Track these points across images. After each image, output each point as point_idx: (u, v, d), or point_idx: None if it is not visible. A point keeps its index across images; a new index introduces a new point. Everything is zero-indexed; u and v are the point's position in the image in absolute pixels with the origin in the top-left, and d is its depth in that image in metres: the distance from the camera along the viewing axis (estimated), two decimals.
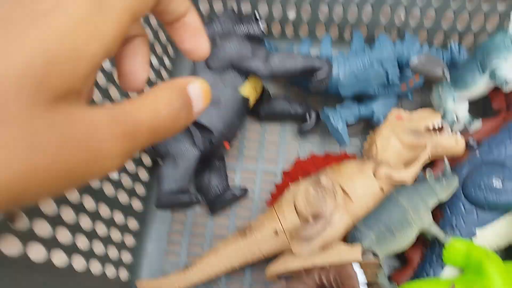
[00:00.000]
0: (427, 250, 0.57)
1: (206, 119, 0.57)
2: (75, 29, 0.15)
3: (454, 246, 0.52)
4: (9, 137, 0.13)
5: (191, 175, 0.57)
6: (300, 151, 0.69)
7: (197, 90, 0.21)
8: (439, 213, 0.57)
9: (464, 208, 0.55)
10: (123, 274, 0.58)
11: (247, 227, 0.58)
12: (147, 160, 0.65)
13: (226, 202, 0.62)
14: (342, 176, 0.56)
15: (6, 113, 0.13)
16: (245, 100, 0.60)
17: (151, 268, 0.63)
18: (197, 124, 0.57)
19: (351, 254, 0.47)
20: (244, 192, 0.64)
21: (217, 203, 0.62)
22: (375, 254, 0.47)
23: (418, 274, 0.56)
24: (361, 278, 0.41)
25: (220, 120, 0.58)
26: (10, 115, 0.13)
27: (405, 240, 0.52)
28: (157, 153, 0.58)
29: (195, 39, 0.23)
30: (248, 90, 0.60)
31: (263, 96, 0.66)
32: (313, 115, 0.67)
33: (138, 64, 0.22)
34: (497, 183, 0.52)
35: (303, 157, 0.67)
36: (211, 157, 0.62)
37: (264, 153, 0.69)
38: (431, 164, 0.61)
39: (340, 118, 0.61)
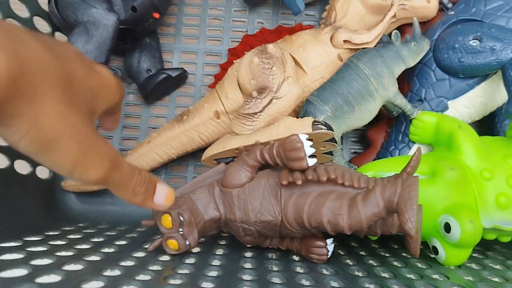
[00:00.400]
0: (391, 129, 0.50)
1: None
2: (98, 104, 0.27)
3: (423, 120, 0.45)
4: (68, 115, 0.23)
5: (109, 48, 0.46)
6: (249, 27, 0.59)
7: (163, 188, 0.30)
8: (406, 85, 0.49)
9: (435, 78, 0.47)
10: (43, 172, 0.50)
11: (184, 112, 0.50)
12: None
13: (159, 84, 0.52)
14: (294, 44, 0.47)
15: (78, 110, 0.24)
16: None
17: None
18: None
19: (301, 127, 0.40)
20: (181, 72, 0.54)
21: (149, 86, 0.52)
22: (328, 127, 0.39)
23: (382, 157, 0.50)
24: (308, 149, 0.33)
25: None
26: (78, 111, 0.24)
27: (365, 113, 0.44)
28: (64, 24, 0.47)
29: (114, 124, 0.33)
30: None
31: None
32: None
33: (111, 125, 0.33)
34: (474, 42, 0.43)
35: (252, 33, 0.58)
36: (139, 32, 0.52)
37: (206, 31, 0.59)
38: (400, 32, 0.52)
39: None
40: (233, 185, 0.37)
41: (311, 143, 0.34)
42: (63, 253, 0.35)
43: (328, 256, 0.37)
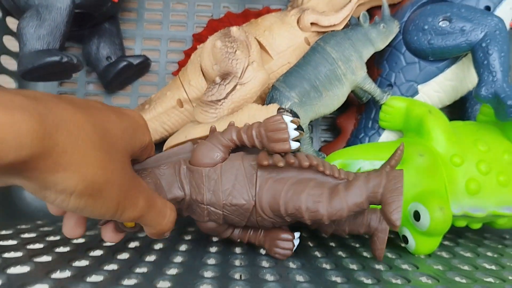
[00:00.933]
0: (361, 116, 0.49)
1: None
2: (135, 143, 0.29)
3: (392, 105, 0.44)
4: (109, 161, 0.24)
5: (63, 33, 0.43)
6: (214, 12, 0.57)
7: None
8: (376, 70, 0.48)
9: (405, 61, 0.45)
10: None
11: (146, 101, 0.47)
12: None
13: (120, 72, 0.49)
14: (259, 28, 0.45)
15: (116, 154, 0.25)
16: None
17: None
18: None
19: (265, 115, 0.38)
20: (143, 59, 0.51)
21: (109, 74, 0.49)
22: (295, 115, 0.37)
23: (352, 145, 0.48)
24: (292, 132, 0.32)
25: None
26: (117, 156, 0.25)
27: (334, 100, 0.42)
28: (15, 7, 0.44)
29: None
30: None
31: None
32: None
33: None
34: (443, 23, 0.42)
35: (217, 18, 0.55)
36: (98, 18, 0.49)
37: (169, 16, 0.56)
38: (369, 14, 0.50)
39: None
40: (203, 164, 0.34)
41: (295, 125, 0.32)
42: (12, 254, 0.32)
43: (292, 251, 0.36)
